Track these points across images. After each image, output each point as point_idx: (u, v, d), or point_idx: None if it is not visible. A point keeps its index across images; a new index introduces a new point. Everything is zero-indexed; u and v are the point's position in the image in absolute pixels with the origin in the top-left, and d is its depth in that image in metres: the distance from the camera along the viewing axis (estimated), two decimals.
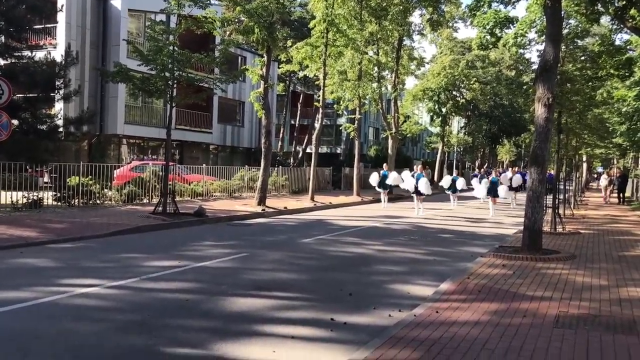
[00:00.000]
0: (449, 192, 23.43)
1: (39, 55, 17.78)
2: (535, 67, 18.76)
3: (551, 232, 13.55)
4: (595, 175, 65.55)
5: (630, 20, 14.06)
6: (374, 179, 22.71)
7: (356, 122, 27.50)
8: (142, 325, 5.54)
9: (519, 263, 9.23)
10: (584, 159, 38.23)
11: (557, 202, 14.79)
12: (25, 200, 14.95)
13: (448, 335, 5.13)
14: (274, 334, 5.38)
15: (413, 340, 4.95)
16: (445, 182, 23.79)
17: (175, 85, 15.31)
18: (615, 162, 46.00)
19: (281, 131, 47.37)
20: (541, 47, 13.66)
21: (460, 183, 23.89)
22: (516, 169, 38.02)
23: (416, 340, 4.96)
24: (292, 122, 50.70)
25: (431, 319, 5.69)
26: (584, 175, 43.12)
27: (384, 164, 23.05)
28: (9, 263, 8.49)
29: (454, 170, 40.82)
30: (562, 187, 18.29)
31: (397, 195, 26.96)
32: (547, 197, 12.68)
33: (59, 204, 15.96)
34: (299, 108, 47.88)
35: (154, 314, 5.93)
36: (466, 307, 6.18)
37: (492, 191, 20.75)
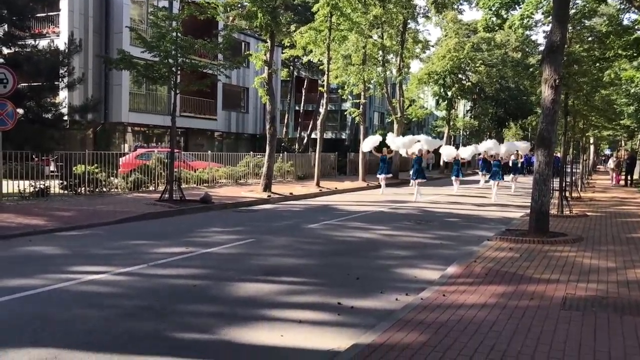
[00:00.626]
0: (452, 177, 23.26)
1: (43, 43, 17.74)
2: (541, 48, 18.58)
3: (558, 214, 13.49)
4: (604, 158, 65.15)
5: (638, 0, 13.86)
6: (367, 144, 22.42)
7: (361, 106, 27.39)
8: (151, 310, 5.58)
9: (526, 246, 9.21)
10: (592, 141, 37.98)
11: (564, 184, 14.73)
12: (32, 189, 15.03)
13: (455, 318, 5.14)
14: (281, 319, 5.41)
15: (420, 324, 4.97)
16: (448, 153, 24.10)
17: (179, 72, 15.27)
18: (623, 144, 45.66)
19: (286, 117, 47.25)
20: (547, 28, 13.52)
21: (468, 151, 24.35)
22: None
23: (423, 324, 4.97)
24: (297, 107, 50.52)
25: (438, 302, 5.70)
26: (592, 157, 42.86)
27: (384, 149, 22.12)
28: (19, 251, 8.56)
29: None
30: (569, 169, 18.16)
31: (403, 179, 26.91)
32: (554, 179, 12.62)
33: (66, 192, 16.04)
34: (303, 93, 47.66)
35: (162, 299, 5.97)
36: (473, 290, 6.19)
37: (495, 174, 20.42)
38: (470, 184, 27.33)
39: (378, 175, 22.16)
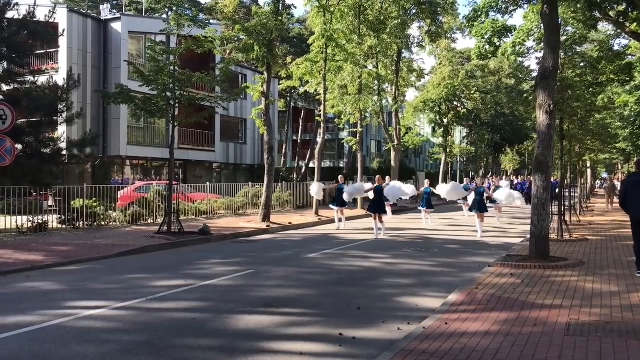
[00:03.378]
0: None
1: (42, 79, 17.92)
2: (534, 74, 18.82)
3: (558, 239, 13.46)
4: (601, 181, 65.24)
5: (629, 26, 14.12)
6: (314, 190, 20.44)
7: (358, 135, 27.55)
8: (150, 345, 5.50)
9: (527, 271, 9.15)
10: (588, 164, 38.12)
11: (562, 208, 14.72)
12: (30, 224, 14.97)
13: (458, 347, 5.07)
14: (282, 351, 5.33)
15: (423, 353, 4.89)
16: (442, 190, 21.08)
17: (176, 105, 15.40)
18: (619, 167, 45.82)
19: (283, 147, 47.49)
20: (540, 54, 13.72)
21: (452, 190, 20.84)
22: (513, 177, 37.86)
23: (426, 353, 4.90)
24: (294, 137, 50.83)
25: (441, 330, 5.63)
26: (589, 181, 42.97)
27: (339, 176, 19.41)
28: (15, 287, 8.47)
29: (465, 179, 40.71)
30: (567, 193, 18.15)
31: (401, 207, 26.88)
32: (553, 204, 12.60)
33: (64, 226, 15.97)
34: (301, 123, 48.03)
35: (161, 334, 5.89)
36: (475, 318, 6.12)
37: (478, 204, 16.43)
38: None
39: (332, 207, 18.84)
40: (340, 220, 18.48)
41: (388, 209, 21.74)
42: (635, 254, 9.01)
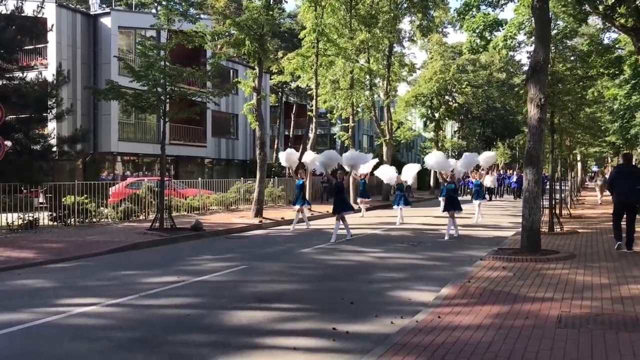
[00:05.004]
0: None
1: (31, 75, 17.74)
2: (525, 68, 18.88)
3: (549, 232, 13.55)
4: (592, 175, 65.65)
5: (618, 19, 14.19)
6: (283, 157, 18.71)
7: (350, 130, 27.56)
8: (143, 342, 5.48)
9: (519, 264, 9.21)
10: (579, 158, 38.38)
11: (553, 202, 14.81)
12: (20, 222, 14.85)
13: (451, 340, 5.10)
14: (275, 346, 5.33)
15: (416, 347, 4.92)
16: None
17: (167, 101, 15.32)
18: (609, 160, 46.17)
19: (275, 142, 47.40)
20: (531, 48, 13.75)
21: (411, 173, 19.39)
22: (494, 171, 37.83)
23: (419, 346, 4.92)
24: (286, 132, 50.74)
25: (433, 324, 5.66)
26: (579, 174, 43.25)
27: (300, 171, 18.40)
28: (6, 285, 8.41)
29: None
30: (557, 187, 18.27)
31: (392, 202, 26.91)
32: (543, 197, 12.66)
33: (55, 223, 15.87)
34: (292, 119, 47.94)
35: (154, 330, 5.87)
36: (468, 311, 6.16)
37: (450, 203, 14.32)
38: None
39: (294, 206, 17.60)
40: (295, 222, 16.70)
41: (363, 206, 21.19)
42: (613, 230, 10.64)
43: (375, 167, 20.49)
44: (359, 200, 21.57)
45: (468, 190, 33.40)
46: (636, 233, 10.84)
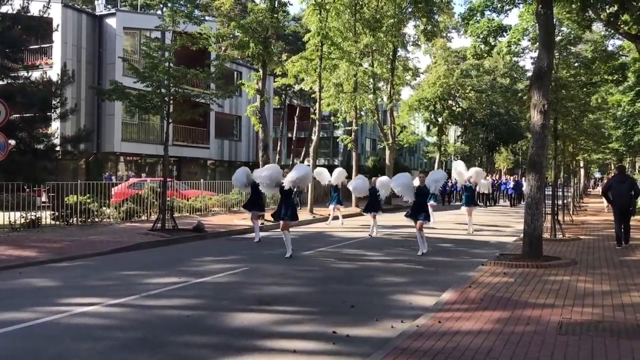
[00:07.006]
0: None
1: (35, 75, 17.82)
2: (529, 74, 18.90)
3: (551, 238, 13.52)
4: (594, 181, 65.53)
5: (622, 26, 14.21)
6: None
7: (353, 133, 27.57)
8: (144, 342, 5.50)
9: (520, 270, 9.20)
10: (582, 164, 38.35)
11: (556, 208, 14.79)
12: (23, 220, 14.89)
13: (451, 345, 5.10)
14: (276, 349, 5.34)
15: (416, 351, 4.92)
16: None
17: (171, 102, 15.36)
18: (612, 167, 46.09)
19: (278, 144, 47.46)
20: (535, 54, 13.77)
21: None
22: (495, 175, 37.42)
23: (420, 351, 4.92)
24: (289, 135, 50.81)
25: (434, 329, 5.66)
26: (582, 181, 43.21)
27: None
28: (8, 284, 8.43)
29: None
30: (560, 193, 18.24)
31: (395, 205, 26.92)
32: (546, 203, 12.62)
33: (58, 223, 15.90)
34: (296, 121, 48.02)
35: (155, 331, 5.89)
36: (469, 316, 6.15)
37: (417, 211, 12.03)
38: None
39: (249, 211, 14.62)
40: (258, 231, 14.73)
41: (339, 213, 19.39)
42: (616, 233, 12.18)
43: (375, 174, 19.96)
44: (331, 206, 19.46)
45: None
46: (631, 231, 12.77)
